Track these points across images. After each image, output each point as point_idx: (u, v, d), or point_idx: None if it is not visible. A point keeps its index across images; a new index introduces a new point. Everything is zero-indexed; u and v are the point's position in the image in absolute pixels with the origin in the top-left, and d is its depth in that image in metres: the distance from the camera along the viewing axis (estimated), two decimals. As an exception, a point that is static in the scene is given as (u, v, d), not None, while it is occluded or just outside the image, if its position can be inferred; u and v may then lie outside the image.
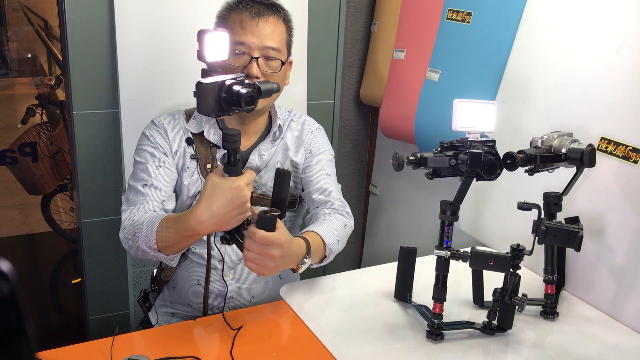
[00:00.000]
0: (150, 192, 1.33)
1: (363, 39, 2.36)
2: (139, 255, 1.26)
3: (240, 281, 1.44)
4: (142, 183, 1.34)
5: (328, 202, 1.44)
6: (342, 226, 1.40)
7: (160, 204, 1.34)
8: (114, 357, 1.09)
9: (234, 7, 1.37)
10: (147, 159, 1.37)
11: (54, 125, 3.40)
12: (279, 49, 1.36)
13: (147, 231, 1.21)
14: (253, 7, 1.35)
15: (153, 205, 1.32)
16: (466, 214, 1.68)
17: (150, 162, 1.36)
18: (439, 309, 1.19)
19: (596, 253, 1.35)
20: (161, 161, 1.37)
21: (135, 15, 1.75)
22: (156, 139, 1.39)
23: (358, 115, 2.48)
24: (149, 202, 1.32)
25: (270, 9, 1.36)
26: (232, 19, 1.36)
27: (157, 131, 1.41)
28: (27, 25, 4.22)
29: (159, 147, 1.38)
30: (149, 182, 1.34)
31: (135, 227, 1.24)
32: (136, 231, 1.23)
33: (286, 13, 1.41)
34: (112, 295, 2.01)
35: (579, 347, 1.19)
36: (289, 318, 1.27)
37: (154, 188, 1.34)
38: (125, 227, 1.28)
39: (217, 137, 1.41)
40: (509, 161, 1.19)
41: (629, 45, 1.32)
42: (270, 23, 1.35)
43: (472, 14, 1.77)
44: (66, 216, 3.66)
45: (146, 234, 1.21)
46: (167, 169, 1.38)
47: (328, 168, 1.50)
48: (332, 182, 1.48)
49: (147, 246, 1.22)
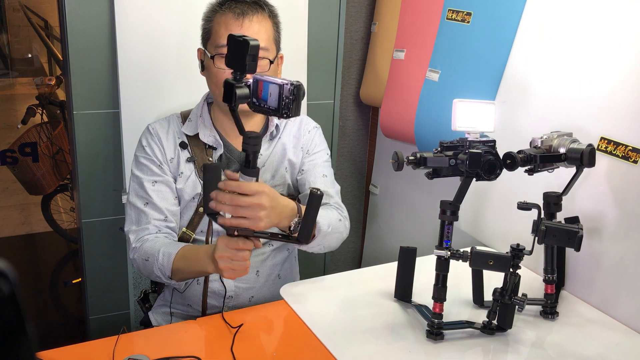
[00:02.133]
0: (152, 212, 1.38)
1: (363, 39, 2.36)
2: (151, 277, 1.36)
3: (240, 281, 1.44)
4: (143, 202, 1.39)
5: (326, 204, 1.43)
6: (337, 218, 1.38)
7: (163, 222, 1.39)
8: (113, 357, 1.09)
9: (217, 8, 1.35)
10: (144, 172, 1.41)
11: (55, 125, 3.40)
12: (266, 47, 1.35)
13: (164, 261, 1.29)
14: (236, 8, 1.32)
15: (156, 224, 1.38)
16: (466, 214, 1.68)
17: (146, 178, 1.40)
18: (439, 308, 1.19)
19: (596, 253, 1.35)
20: (157, 175, 1.40)
21: (136, 15, 1.75)
22: (153, 149, 1.41)
23: (358, 115, 2.48)
24: (152, 221, 1.38)
25: (254, 7, 1.33)
26: (216, 20, 1.34)
27: (152, 140, 1.42)
28: (28, 25, 4.23)
29: (154, 160, 1.41)
30: (149, 201, 1.39)
31: (148, 254, 1.32)
32: (149, 257, 1.32)
33: (271, 8, 1.38)
34: (112, 295, 2.01)
35: (579, 347, 1.19)
36: (289, 318, 1.27)
37: (155, 207, 1.39)
38: (136, 249, 1.36)
39: (212, 138, 1.42)
40: (508, 161, 1.19)
41: (629, 45, 1.32)
42: (255, 22, 1.33)
43: (472, 14, 1.77)
44: (66, 216, 3.66)
45: (162, 263, 1.29)
46: (164, 183, 1.40)
47: (324, 169, 1.49)
48: (329, 184, 1.48)
49: (161, 274, 1.31)
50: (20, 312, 0.49)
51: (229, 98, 1.00)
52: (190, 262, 1.28)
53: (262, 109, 1.04)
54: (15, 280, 0.48)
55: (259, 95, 1.03)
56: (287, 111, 1.00)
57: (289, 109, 1.00)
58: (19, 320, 0.50)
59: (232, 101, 1.00)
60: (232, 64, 1.00)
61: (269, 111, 1.02)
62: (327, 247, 1.37)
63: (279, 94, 1.00)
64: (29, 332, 0.50)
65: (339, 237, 1.39)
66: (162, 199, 1.39)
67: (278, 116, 1.02)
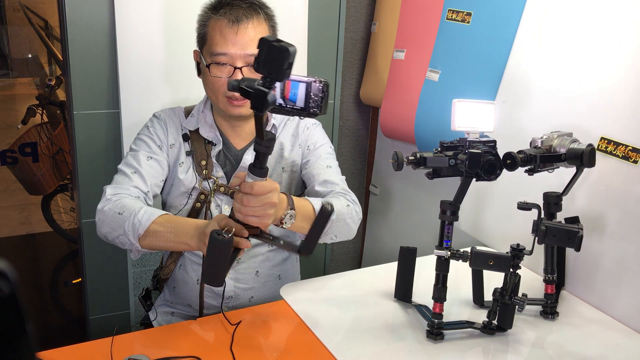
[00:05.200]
0: (137, 180, 1.34)
1: (363, 39, 2.36)
2: (110, 234, 1.26)
3: (239, 281, 1.44)
4: (131, 169, 1.35)
5: (332, 192, 1.39)
6: (344, 205, 1.33)
7: (144, 194, 1.34)
8: (114, 357, 1.09)
9: (212, 13, 1.32)
10: (141, 147, 1.40)
11: (55, 125, 3.40)
12: None
13: (143, 217, 1.21)
14: (231, 14, 1.29)
15: (138, 193, 1.33)
16: (466, 214, 1.68)
17: (142, 151, 1.39)
18: (439, 308, 1.19)
19: (596, 253, 1.35)
20: (154, 152, 1.39)
21: (136, 15, 1.75)
22: (156, 130, 1.41)
23: (358, 115, 2.48)
24: (135, 187, 1.33)
25: (249, 12, 1.30)
26: (211, 26, 1.31)
27: (158, 123, 1.43)
28: (28, 25, 4.22)
29: (155, 139, 1.40)
30: (138, 170, 1.35)
31: (126, 207, 1.24)
32: (126, 211, 1.23)
33: (266, 10, 1.35)
34: (112, 295, 2.01)
35: (579, 347, 1.19)
36: (289, 318, 1.27)
37: (142, 177, 1.35)
38: (110, 201, 1.28)
39: (211, 134, 1.42)
40: (508, 161, 1.19)
41: (629, 45, 1.32)
42: (251, 28, 1.30)
43: (472, 14, 1.77)
44: (66, 216, 3.66)
45: (140, 218, 1.21)
46: (158, 162, 1.39)
47: (328, 160, 1.46)
48: (334, 174, 1.44)
49: (132, 231, 1.22)
50: (20, 312, 0.49)
51: (259, 107, 0.92)
52: (173, 228, 1.20)
53: (287, 110, 0.98)
54: (15, 280, 0.48)
55: (286, 96, 0.98)
56: (316, 109, 0.96)
57: (319, 107, 0.97)
58: (19, 320, 0.50)
59: (263, 110, 0.93)
60: (264, 70, 0.91)
61: (294, 111, 0.98)
62: (340, 235, 1.33)
63: (306, 93, 0.96)
64: (29, 332, 0.50)
65: (350, 223, 1.34)
66: (151, 175, 1.36)
67: (304, 115, 0.98)
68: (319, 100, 0.97)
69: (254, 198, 1.05)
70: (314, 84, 0.96)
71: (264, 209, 1.07)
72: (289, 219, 1.18)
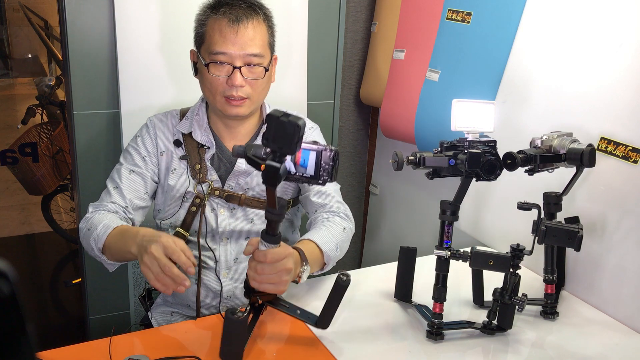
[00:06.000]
0: (116, 196, 1.38)
1: (363, 39, 2.36)
2: (88, 251, 1.31)
3: (237, 281, 1.44)
4: (113, 185, 1.40)
5: (326, 205, 1.42)
6: (341, 230, 1.36)
7: (122, 209, 1.37)
8: (113, 357, 1.09)
9: (211, 13, 1.32)
10: (126, 160, 1.42)
11: (55, 125, 3.40)
12: (261, 54, 1.32)
13: (100, 232, 1.26)
14: (231, 14, 1.29)
15: (116, 208, 1.36)
16: (466, 214, 1.68)
17: (125, 164, 1.41)
18: (439, 308, 1.19)
19: (596, 253, 1.35)
20: (136, 166, 1.41)
21: (136, 15, 1.75)
22: (144, 140, 1.43)
23: (358, 115, 2.48)
24: (113, 203, 1.37)
25: (248, 12, 1.31)
26: (210, 25, 1.31)
27: (147, 132, 1.44)
28: (28, 25, 4.23)
29: (141, 150, 1.42)
30: (119, 186, 1.39)
31: (93, 224, 1.29)
32: (92, 227, 1.28)
33: (265, 12, 1.35)
34: (112, 295, 2.01)
35: (579, 347, 1.19)
36: (288, 318, 1.27)
37: (121, 194, 1.38)
38: (87, 219, 1.33)
39: (205, 137, 1.42)
40: (508, 161, 1.19)
41: (629, 45, 1.32)
42: (250, 28, 1.30)
43: (472, 14, 1.77)
44: (66, 216, 3.66)
45: (98, 233, 1.26)
46: (140, 175, 1.41)
47: None
48: (330, 184, 1.47)
49: (94, 245, 1.26)
50: (20, 312, 0.49)
51: (272, 183, 0.92)
52: (122, 239, 1.21)
53: (296, 177, 0.97)
54: (15, 280, 0.48)
55: (297, 162, 0.97)
56: (327, 177, 0.96)
57: (330, 176, 0.96)
58: (19, 320, 0.49)
59: (276, 185, 0.92)
60: (273, 145, 0.89)
61: (304, 179, 0.97)
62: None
63: (316, 161, 0.96)
64: (29, 332, 0.50)
65: (347, 245, 1.39)
66: (130, 190, 1.39)
67: (314, 183, 0.98)
68: (330, 168, 0.96)
69: (269, 266, 1.06)
70: (325, 152, 0.96)
71: (279, 276, 1.08)
72: (304, 275, 1.20)
